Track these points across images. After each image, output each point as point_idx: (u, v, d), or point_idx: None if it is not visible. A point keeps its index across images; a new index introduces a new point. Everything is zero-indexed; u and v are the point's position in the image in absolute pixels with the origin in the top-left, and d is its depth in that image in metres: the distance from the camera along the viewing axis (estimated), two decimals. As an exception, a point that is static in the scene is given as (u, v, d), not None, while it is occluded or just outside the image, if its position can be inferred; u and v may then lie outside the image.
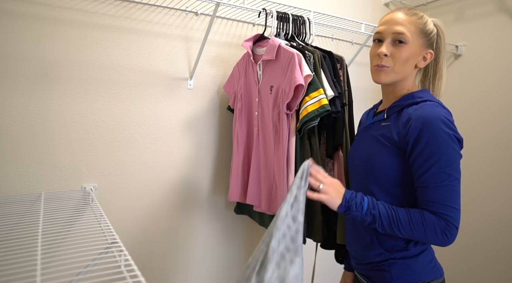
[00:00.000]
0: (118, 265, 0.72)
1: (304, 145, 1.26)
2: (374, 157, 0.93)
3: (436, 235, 0.83)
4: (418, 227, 0.84)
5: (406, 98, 0.93)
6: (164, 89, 1.43)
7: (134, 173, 1.38)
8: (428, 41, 0.92)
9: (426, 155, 0.83)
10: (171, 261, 1.49)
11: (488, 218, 1.92)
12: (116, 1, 1.31)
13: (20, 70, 1.15)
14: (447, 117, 0.84)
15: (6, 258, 0.69)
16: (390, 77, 0.92)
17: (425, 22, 0.92)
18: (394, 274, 0.91)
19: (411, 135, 0.85)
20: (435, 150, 0.82)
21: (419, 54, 0.92)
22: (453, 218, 0.82)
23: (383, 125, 0.95)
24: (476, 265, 1.96)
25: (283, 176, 1.25)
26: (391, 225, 0.85)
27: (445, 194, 0.82)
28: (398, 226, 0.85)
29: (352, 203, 0.88)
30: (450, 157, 0.82)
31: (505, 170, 1.85)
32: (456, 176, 0.83)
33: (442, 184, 0.82)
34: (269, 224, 1.38)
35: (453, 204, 0.82)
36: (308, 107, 1.19)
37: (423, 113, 0.85)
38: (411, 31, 0.90)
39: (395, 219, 0.85)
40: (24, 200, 1.12)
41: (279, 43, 1.27)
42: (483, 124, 1.94)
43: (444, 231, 0.82)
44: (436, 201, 0.83)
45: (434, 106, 0.87)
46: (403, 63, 0.91)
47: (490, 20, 1.91)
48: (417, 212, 0.85)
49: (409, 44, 0.90)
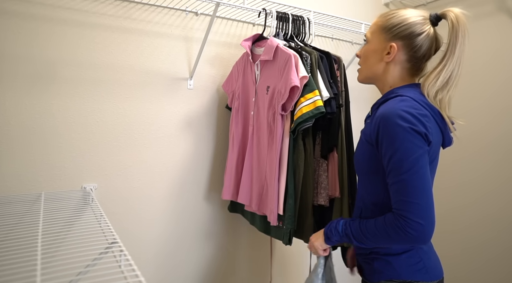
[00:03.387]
0: (118, 265, 0.72)
1: (298, 145, 1.27)
2: (358, 154, 0.96)
3: (398, 234, 0.81)
4: (382, 232, 0.84)
5: (386, 95, 0.94)
6: (164, 89, 1.43)
7: (134, 173, 1.38)
8: (390, 34, 0.92)
9: (384, 151, 0.84)
10: (171, 261, 1.49)
11: (489, 220, 1.91)
12: (116, 1, 1.31)
13: (20, 70, 1.16)
14: (406, 110, 0.81)
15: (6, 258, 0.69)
16: (360, 75, 1.01)
17: (388, 19, 0.93)
18: (375, 268, 0.93)
19: (373, 132, 0.87)
20: (389, 145, 0.82)
21: (380, 50, 0.94)
22: (411, 212, 0.79)
23: (367, 122, 0.98)
24: (477, 267, 1.96)
25: (274, 177, 1.26)
26: (365, 239, 0.88)
27: (402, 189, 0.81)
28: (369, 238, 0.87)
29: (329, 232, 0.97)
30: (406, 151, 0.80)
31: (506, 173, 1.85)
32: (416, 169, 0.80)
33: (399, 179, 0.81)
34: (259, 224, 1.40)
35: (410, 198, 0.80)
36: (302, 108, 1.20)
37: (383, 109, 0.85)
38: (371, 31, 0.97)
39: (365, 232, 0.88)
40: (24, 200, 1.12)
41: (277, 44, 1.27)
42: (484, 126, 1.93)
43: (404, 228, 0.80)
44: (395, 199, 0.83)
45: (397, 101, 0.85)
46: (364, 61, 0.99)
47: (490, 20, 1.91)
48: (381, 218, 0.86)
49: (369, 43, 0.97)
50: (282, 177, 1.26)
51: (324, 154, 1.35)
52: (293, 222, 1.25)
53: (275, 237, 1.33)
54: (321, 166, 1.36)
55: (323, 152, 1.35)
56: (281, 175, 1.26)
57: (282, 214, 1.26)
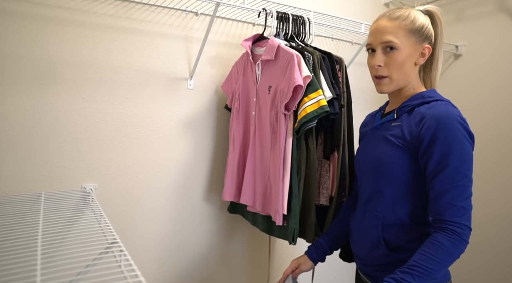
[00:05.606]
0: (118, 265, 0.72)
1: (300, 145, 1.26)
2: (386, 156, 0.91)
3: (458, 248, 0.80)
4: (445, 258, 0.80)
5: (415, 98, 0.92)
6: (164, 89, 1.43)
7: (134, 173, 1.38)
8: (421, 36, 0.91)
9: (441, 153, 0.82)
10: (171, 261, 1.49)
11: (489, 219, 1.92)
12: (116, 1, 1.31)
13: (20, 70, 1.15)
14: (460, 116, 0.84)
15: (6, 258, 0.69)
16: (392, 86, 0.93)
17: (412, 21, 0.90)
18: None
19: (426, 133, 0.84)
20: (450, 148, 0.81)
21: (414, 54, 0.91)
22: (464, 218, 0.80)
23: (393, 125, 0.94)
24: (478, 266, 1.96)
25: (278, 177, 1.25)
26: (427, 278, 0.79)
27: (459, 195, 0.80)
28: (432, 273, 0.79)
29: None
30: (465, 156, 0.81)
31: (506, 172, 1.85)
32: (470, 176, 0.82)
33: (457, 184, 0.80)
34: (262, 224, 1.39)
35: (464, 205, 0.80)
36: (307, 108, 1.19)
37: (438, 112, 0.85)
38: (399, 36, 0.89)
39: (425, 271, 0.79)
40: (24, 200, 1.12)
41: (278, 44, 1.27)
42: (484, 125, 1.94)
43: (461, 238, 0.79)
44: (448, 202, 0.81)
45: (447, 105, 0.87)
46: (399, 69, 0.91)
47: (490, 20, 1.91)
48: (433, 246, 0.80)
49: (400, 49, 0.89)
50: (286, 177, 1.26)
51: (327, 154, 1.35)
52: (298, 221, 1.25)
53: (279, 237, 1.33)
54: (323, 166, 1.36)
55: (326, 153, 1.35)
56: (285, 175, 1.26)
57: (287, 214, 1.26)
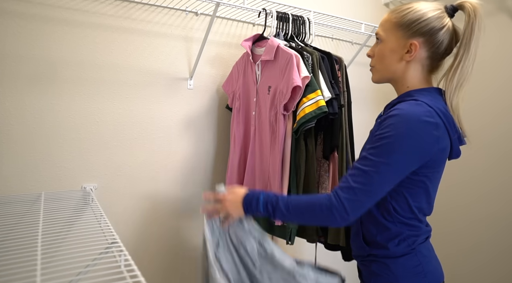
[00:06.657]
0: (118, 265, 0.72)
1: (299, 145, 1.27)
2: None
3: (322, 211, 0.81)
4: (308, 206, 0.83)
5: (401, 96, 0.91)
6: (164, 89, 1.43)
7: (134, 173, 1.38)
8: (408, 31, 0.87)
9: (377, 136, 0.81)
10: (171, 261, 1.49)
11: (488, 220, 1.91)
12: (116, 1, 1.31)
13: (21, 70, 1.16)
14: (423, 116, 0.79)
15: (6, 258, 0.69)
16: (376, 76, 0.96)
17: (403, 15, 0.87)
18: (373, 271, 0.90)
19: (380, 128, 0.83)
20: (386, 131, 0.80)
21: (398, 48, 0.88)
22: (345, 197, 0.79)
23: (378, 121, 0.93)
24: (476, 267, 1.96)
25: (277, 177, 1.26)
26: (288, 210, 0.85)
27: (357, 176, 0.80)
28: (288, 217, 0.86)
29: (248, 201, 0.92)
30: (392, 147, 0.78)
31: (505, 173, 1.84)
32: (382, 168, 0.78)
33: (360, 167, 0.80)
34: (263, 224, 1.39)
35: (355, 185, 0.79)
36: (305, 108, 1.20)
37: (398, 111, 0.81)
38: (385, 28, 0.90)
39: (293, 203, 0.86)
40: (24, 200, 1.12)
41: (278, 44, 1.27)
42: (484, 125, 1.93)
43: (330, 208, 0.80)
44: (345, 177, 0.81)
45: (413, 104, 0.83)
46: (381, 60, 0.93)
47: (490, 20, 1.91)
48: (311, 198, 0.85)
49: (384, 41, 0.91)
50: (285, 177, 1.26)
51: (326, 154, 1.35)
52: None
53: (279, 236, 1.33)
54: (323, 166, 1.36)
55: (326, 153, 1.35)
56: (283, 175, 1.26)
57: None
